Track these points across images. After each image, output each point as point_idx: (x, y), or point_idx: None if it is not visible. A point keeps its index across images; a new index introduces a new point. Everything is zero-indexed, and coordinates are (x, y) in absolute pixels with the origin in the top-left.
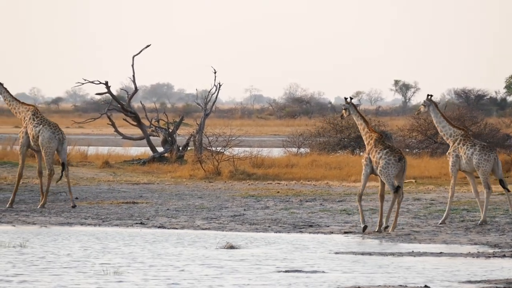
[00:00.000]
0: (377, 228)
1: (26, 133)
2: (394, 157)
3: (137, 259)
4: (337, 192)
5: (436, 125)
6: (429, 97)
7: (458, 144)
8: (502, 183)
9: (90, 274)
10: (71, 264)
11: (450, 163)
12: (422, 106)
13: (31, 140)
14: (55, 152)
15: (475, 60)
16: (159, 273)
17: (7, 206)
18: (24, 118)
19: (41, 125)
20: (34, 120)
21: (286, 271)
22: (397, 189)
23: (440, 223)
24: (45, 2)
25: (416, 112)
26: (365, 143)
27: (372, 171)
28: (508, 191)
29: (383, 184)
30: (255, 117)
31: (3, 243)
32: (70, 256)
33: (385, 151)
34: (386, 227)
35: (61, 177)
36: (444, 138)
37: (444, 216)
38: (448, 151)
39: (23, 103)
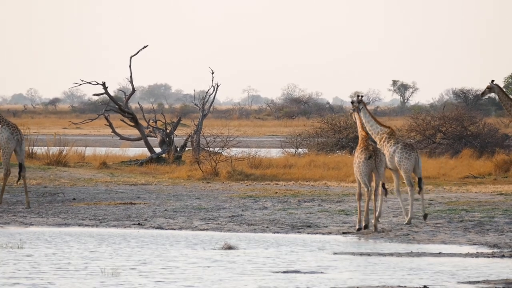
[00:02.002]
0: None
1: None
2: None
3: (135, 260)
4: (335, 192)
5: (365, 124)
6: (360, 97)
7: (383, 142)
8: (420, 182)
9: (87, 275)
10: (68, 265)
11: None
12: (353, 106)
13: None
14: (13, 152)
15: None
16: (155, 274)
17: None
18: None
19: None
20: None
21: (284, 272)
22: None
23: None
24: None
25: (349, 114)
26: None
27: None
28: (421, 189)
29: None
30: (253, 118)
31: (1, 244)
32: (67, 257)
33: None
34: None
35: (19, 178)
36: (373, 136)
37: (377, 214)
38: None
39: None
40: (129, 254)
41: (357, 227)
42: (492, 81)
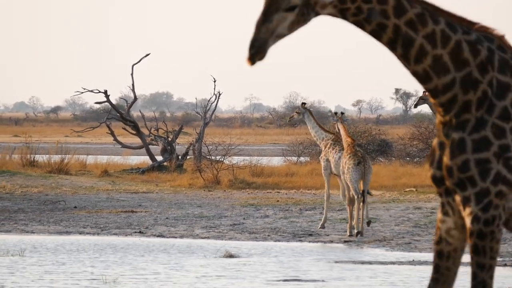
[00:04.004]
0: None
1: None
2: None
3: (136, 268)
4: (337, 201)
5: (310, 131)
6: (303, 105)
7: (328, 148)
8: (363, 192)
9: (88, 283)
10: (69, 273)
11: (322, 167)
12: (296, 113)
13: None
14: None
15: None
16: (157, 282)
17: None
18: None
19: None
20: None
21: (285, 280)
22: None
23: (320, 227)
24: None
25: (289, 119)
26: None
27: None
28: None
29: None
30: (255, 126)
31: (2, 252)
32: (69, 265)
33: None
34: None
35: None
36: (318, 142)
37: (322, 220)
38: (321, 155)
39: None
40: (130, 262)
41: (347, 233)
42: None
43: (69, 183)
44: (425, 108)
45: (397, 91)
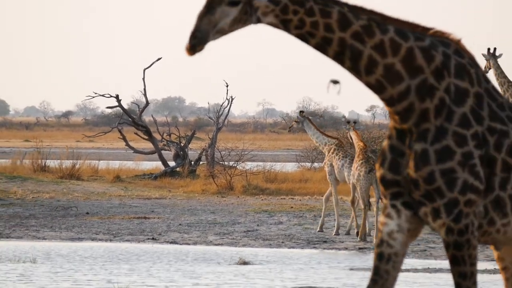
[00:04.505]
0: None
1: None
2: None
3: (149, 276)
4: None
5: (311, 138)
6: (302, 113)
7: (332, 153)
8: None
9: None
10: (81, 280)
11: (327, 173)
12: (295, 122)
13: None
14: None
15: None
16: None
17: None
18: None
19: None
20: None
21: (299, 287)
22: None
23: (334, 234)
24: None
25: (289, 128)
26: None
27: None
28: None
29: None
30: (268, 131)
31: (13, 259)
32: (81, 272)
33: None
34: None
35: None
36: (320, 148)
37: (336, 226)
38: (324, 161)
39: None
40: (143, 269)
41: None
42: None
43: (81, 189)
44: None
45: None
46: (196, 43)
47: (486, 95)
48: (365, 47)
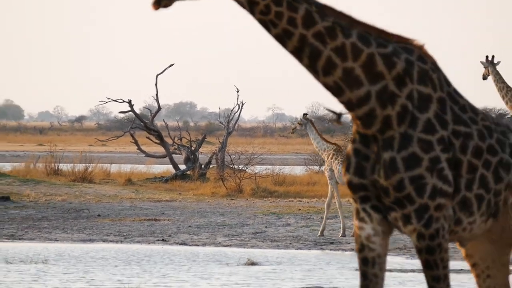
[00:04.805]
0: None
1: None
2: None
3: (160, 276)
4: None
5: (312, 142)
6: (305, 115)
7: (331, 158)
8: None
9: None
10: (92, 280)
11: (327, 177)
12: (298, 124)
13: None
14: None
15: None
16: None
17: None
18: None
19: None
20: None
21: (310, 287)
22: None
23: (341, 236)
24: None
25: (292, 130)
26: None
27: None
28: None
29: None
30: (277, 136)
31: (26, 260)
32: (92, 273)
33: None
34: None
35: None
36: (320, 153)
37: (341, 228)
38: (324, 166)
39: None
40: (154, 270)
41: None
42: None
43: (93, 192)
44: None
45: None
46: None
47: (448, 99)
48: (325, 48)
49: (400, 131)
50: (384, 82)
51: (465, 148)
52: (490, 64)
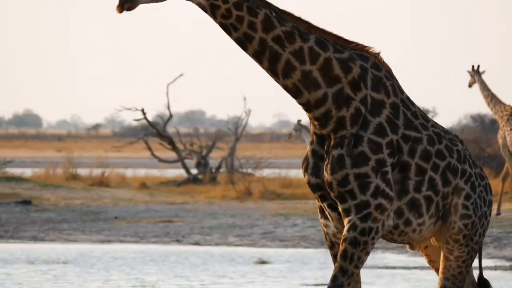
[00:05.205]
0: None
1: None
2: None
3: (175, 274)
4: None
5: (307, 146)
6: (299, 122)
7: None
8: None
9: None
10: (111, 280)
11: None
12: (293, 130)
13: None
14: None
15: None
16: (192, 287)
17: None
18: None
19: None
20: None
21: (314, 285)
22: None
23: None
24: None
25: (288, 136)
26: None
27: None
28: None
29: None
30: (283, 141)
31: (47, 260)
32: (110, 272)
33: None
34: None
35: None
36: None
37: None
38: None
39: None
40: (169, 269)
41: None
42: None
43: (110, 195)
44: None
45: None
46: (126, 1)
47: (401, 105)
48: (284, 51)
49: (352, 131)
50: (340, 85)
51: (414, 152)
52: (476, 73)
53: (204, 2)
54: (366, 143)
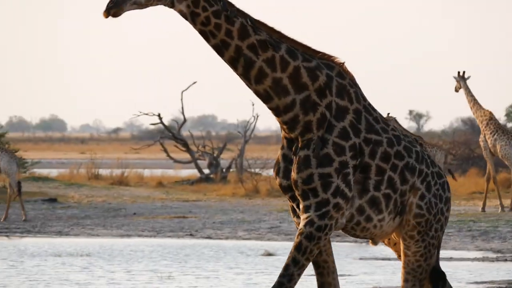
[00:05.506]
0: None
1: None
2: None
3: (190, 265)
4: None
5: None
6: None
7: None
8: None
9: (147, 278)
10: (131, 270)
11: None
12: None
13: None
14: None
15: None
16: (206, 277)
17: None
18: None
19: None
20: None
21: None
22: None
23: None
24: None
25: None
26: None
27: None
28: None
29: None
30: None
31: (73, 253)
32: (130, 263)
33: None
34: None
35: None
36: None
37: None
38: None
39: None
40: (184, 260)
41: None
42: None
43: (129, 193)
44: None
45: (410, 112)
46: (111, 7)
47: (364, 111)
48: (257, 59)
49: (318, 135)
50: (307, 92)
51: (374, 154)
52: (461, 79)
53: (185, 10)
54: (331, 146)
